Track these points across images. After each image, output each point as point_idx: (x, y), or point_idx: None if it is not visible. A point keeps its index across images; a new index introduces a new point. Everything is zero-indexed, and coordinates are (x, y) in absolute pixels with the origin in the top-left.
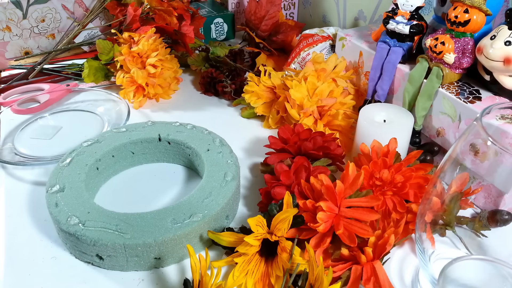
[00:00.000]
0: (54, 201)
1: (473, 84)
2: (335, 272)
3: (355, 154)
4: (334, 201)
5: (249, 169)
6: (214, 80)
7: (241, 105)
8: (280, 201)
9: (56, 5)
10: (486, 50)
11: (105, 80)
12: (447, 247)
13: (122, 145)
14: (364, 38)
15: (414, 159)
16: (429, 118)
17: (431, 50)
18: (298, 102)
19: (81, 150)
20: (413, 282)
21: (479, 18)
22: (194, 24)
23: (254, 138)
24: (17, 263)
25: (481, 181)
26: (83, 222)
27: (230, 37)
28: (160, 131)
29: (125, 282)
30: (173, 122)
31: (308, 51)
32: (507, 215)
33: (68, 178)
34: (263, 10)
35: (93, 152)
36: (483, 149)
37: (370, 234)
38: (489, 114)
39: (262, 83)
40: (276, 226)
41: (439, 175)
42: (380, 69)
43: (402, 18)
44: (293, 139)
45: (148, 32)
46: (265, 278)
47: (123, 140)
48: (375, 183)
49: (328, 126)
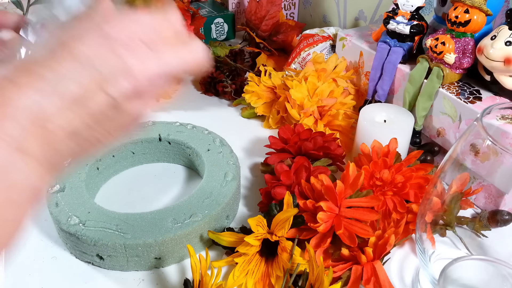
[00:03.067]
0: (55, 201)
1: (474, 84)
2: (335, 272)
3: (356, 154)
4: (334, 201)
5: (249, 169)
6: (214, 80)
7: (242, 105)
8: (280, 201)
9: None
10: (486, 50)
11: None
12: (448, 247)
13: (123, 145)
14: (364, 38)
15: (415, 159)
16: (429, 118)
17: (432, 50)
18: (299, 102)
19: None
20: (414, 282)
21: (479, 18)
22: (195, 24)
23: (254, 138)
24: (17, 263)
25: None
26: (83, 222)
27: (231, 37)
28: (160, 131)
29: (125, 282)
30: (173, 122)
31: (308, 51)
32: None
33: (68, 178)
34: (264, 10)
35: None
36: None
37: (370, 234)
38: (489, 114)
39: (263, 83)
40: (277, 226)
41: (439, 175)
42: (381, 69)
43: (402, 18)
44: (293, 139)
45: None
46: (265, 278)
47: (123, 140)
48: (376, 183)
49: (329, 126)
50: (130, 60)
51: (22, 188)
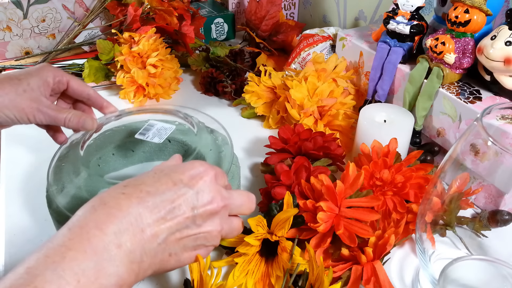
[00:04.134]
0: (54, 201)
1: (474, 84)
2: (336, 272)
3: (356, 154)
4: (334, 201)
5: (249, 169)
6: (214, 80)
7: (242, 105)
8: (280, 201)
9: (57, 5)
10: (486, 50)
11: (106, 80)
12: (448, 247)
13: (122, 143)
14: (364, 38)
15: (415, 159)
16: (429, 118)
17: (432, 50)
18: (299, 102)
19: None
20: (414, 282)
21: (479, 18)
22: (195, 24)
23: (254, 138)
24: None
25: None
26: None
27: (231, 37)
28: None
29: None
30: (173, 121)
31: (308, 51)
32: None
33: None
34: (264, 10)
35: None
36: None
37: (370, 234)
38: (489, 114)
39: (263, 83)
40: (277, 226)
41: (439, 175)
42: (381, 69)
43: (402, 18)
44: (293, 139)
45: (148, 32)
46: (265, 278)
47: (123, 138)
48: (376, 183)
49: (329, 126)
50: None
51: (111, 275)
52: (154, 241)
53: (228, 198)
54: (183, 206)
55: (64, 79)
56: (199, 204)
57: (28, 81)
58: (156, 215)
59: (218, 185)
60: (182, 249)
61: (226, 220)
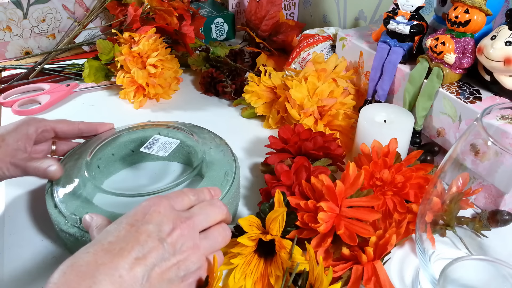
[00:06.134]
0: (54, 201)
1: (474, 84)
2: (336, 272)
3: (356, 154)
4: (335, 201)
5: (249, 169)
6: (214, 80)
7: (242, 105)
8: (271, 200)
9: (57, 5)
10: (486, 50)
11: (106, 80)
12: (448, 247)
13: (122, 143)
14: (364, 38)
15: (415, 159)
16: (429, 118)
17: (432, 50)
18: (299, 102)
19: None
20: (414, 282)
21: (479, 18)
22: (195, 24)
23: (254, 138)
24: (17, 263)
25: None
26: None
27: (231, 37)
28: (160, 129)
29: None
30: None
31: (308, 51)
32: (508, 215)
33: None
34: (264, 10)
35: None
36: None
37: (371, 234)
38: (489, 114)
39: (263, 83)
40: (270, 225)
41: (439, 175)
42: (381, 69)
43: (402, 18)
44: (293, 139)
45: (148, 32)
46: (264, 278)
47: (123, 138)
48: (376, 183)
49: (329, 126)
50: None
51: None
52: (137, 283)
53: (190, 217)
54: (150, 242)
55: (48, 127)
56: (164, 234)
57: (3, 137)
58: (128, 258)
59: (176, 211)
60: (169, 284)
61: (201, 238)
